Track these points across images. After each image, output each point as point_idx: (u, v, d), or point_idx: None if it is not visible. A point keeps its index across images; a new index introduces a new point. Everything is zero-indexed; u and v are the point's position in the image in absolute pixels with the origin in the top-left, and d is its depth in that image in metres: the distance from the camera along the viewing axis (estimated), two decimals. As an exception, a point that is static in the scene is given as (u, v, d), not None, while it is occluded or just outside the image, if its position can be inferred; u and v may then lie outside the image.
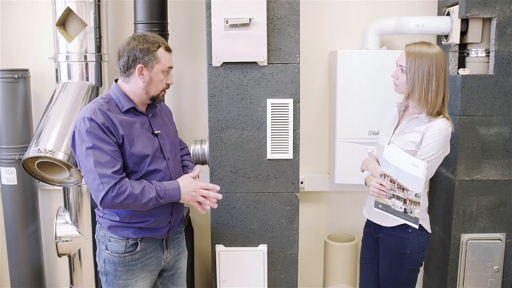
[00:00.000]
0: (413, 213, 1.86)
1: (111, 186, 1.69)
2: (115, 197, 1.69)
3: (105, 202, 1.70)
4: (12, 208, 2.72)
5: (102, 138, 1.72)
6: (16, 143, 2.66)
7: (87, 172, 1.72)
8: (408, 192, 1.83)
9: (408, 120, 2.00)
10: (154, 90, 1.83)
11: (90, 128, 1.71)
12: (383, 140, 2.07)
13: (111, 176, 1.70)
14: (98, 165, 1.70)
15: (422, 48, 1.93)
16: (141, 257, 1.87)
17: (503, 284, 2.61)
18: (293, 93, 2.38)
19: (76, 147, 1.76)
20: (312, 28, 2.82)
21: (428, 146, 1.92)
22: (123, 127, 1.77)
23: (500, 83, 2.46)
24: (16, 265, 2.78)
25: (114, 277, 1.86)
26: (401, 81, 1.97)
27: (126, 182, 1.73)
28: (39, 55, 2.81)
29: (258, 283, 2.49)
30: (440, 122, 1.93)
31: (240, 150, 2.42)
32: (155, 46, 1.79)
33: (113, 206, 1.74)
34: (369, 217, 2.15)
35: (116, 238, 1.85)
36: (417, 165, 1.78)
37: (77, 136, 1.75)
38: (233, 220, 2.48)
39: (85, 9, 2.47)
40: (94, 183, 1.70)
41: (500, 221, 2.56)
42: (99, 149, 1.71)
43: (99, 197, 1.70)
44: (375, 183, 1.91)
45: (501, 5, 2.42)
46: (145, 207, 1.76)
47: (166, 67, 1.83)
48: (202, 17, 2.62)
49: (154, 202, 1.76)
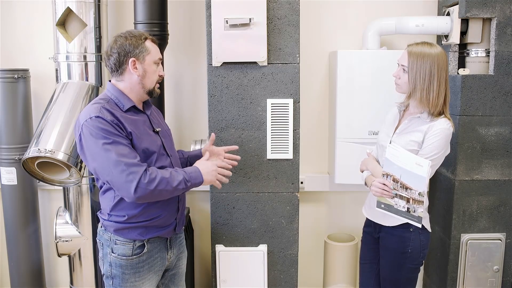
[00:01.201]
0: (416, 212, 1.85)
1: (142, 173, 1.66)
2: (148, 183, 1.67)
3: (139, 191, 1.66)
4: (12, 208, 2.72)
5: (116, 133, 1.70)
6: (16, 143, 2.66)
7: (111, 167, 1.66)
8: (411, 191, 1.82)
9: (409, 119, 2.00)
10: (150, 82, 1.82)
11: (101, 125, 1.69)
12: (384, 139, 2.07)
13: (138, 164, 1.68)
14: (122, 157, 1.67)
15: (424, 48, 1.93)
16: (147, 259, 1.87)
17: (503, 284, 2.61)
18: (293, 93, 2.38)
19: (89, 147, 1.70)
20: (312, 28, 2.82)
21: (430, 145, 1.92)
22: (128, 125, 1.76)
23: (500, 83, 2.46)
24: (16, 265, 2.78)
25: (121, 280, 1.85)
26: (403, 80, 1.97)
27: (154, 168, 1.72)
28: (39, 55, 2.81)
29: (258, 283, 2.49)
30: (442, 122, 1.94)
31: (240, 150, 2.42)
32: (142, 38, 1.80)
33: (147, 195, 1.69)
34: (369, 216, 2.15)
35: (122, 241, 1.84)
36: (421, 164, 1.78)
37: (87, 136, 1.70)
38: (233, 220, 2.48)
39: (85, 9, 2.47)
40: (122, 176, 1.66)
41: (500, 221, 2.56)
42: (117, 143, 1.69)
43: (131, 187, 1.65)
44: (378, 183, 1.90)
45: (501, 5, 2.42)
46: (175, 192, 1.76)
47: (157, 58, 1.83)
48: (202, 17, 2.62)
49: (183, 185, 1.75)
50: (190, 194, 2.18)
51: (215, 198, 2.48)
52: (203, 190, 2.84)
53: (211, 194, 2.48)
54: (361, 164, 2.17)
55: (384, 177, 1.89)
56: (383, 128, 2.15)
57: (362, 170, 2.16)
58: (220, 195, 2.47)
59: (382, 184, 1.89)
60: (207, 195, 2.66)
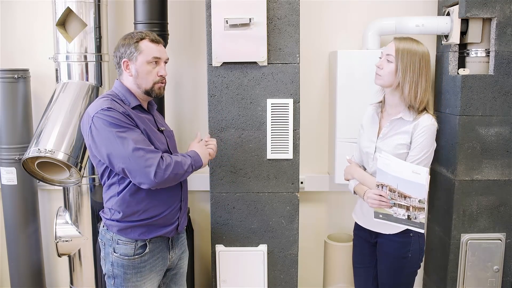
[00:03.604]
0: (418, 218, 1.80)
1: (159, 159, 1.71)
2: (166, 168, 1.72)
3: (158, 175, 1.70)
4: (12, 208, 2.72)
5: (128, 123, 1.74)
6: (16, 143, 2.66)
7: (129, 153, 1.68)
8: (411, 199, 1.78)
9: (390, 122, 1.97)
10: (145, 82, 1.83)
11: (113, 115, 1.71)
12: (367, 146, 2.03)
13: (155, 151, 1.73)
14: (140, 143, 1.70)
15: (412, 43, 1.94)
16: (149, 258, 1.87)
17: (503, 284, 2.61)
18: (293, 93, 2.38)
19: (102, 136, 1.71)
20: (312, 28, 2.82)
21: (419, 145, 1.89)
22: (138, 121, 1.79)
23: (500, 83, 2.46)
24: (16, 265, 2.78)
25: (123, 280, 1.85)
26: (386, 71, 1.92)
27: (165, 154, 1.77)
28: (39, 55, 2.81)
29: (258, 283, 2.49)
30: (426, 119, 1.91)
31: (240, 150, 2.42)
32: (137, 38, 1.81)
33: (165, 180, 1.73)
34: (364, 224, 2.10)
35: (124, 241, 1.84)
36: (418, 172, 1.73)
37: (99, 127, 1.70)
38: (233, 220, 2.48)
39: (85, 9, 2.47)
40: (141, 162, 1.68)
41: (500, 221, 2.56)
42: (132, 130, 1.73)
43: (151, 172, 1.69)
44: (373, 195, 1.86)
45: (501, 5, 2.42)
46: (185, 175, 1.82)
47: (151, 57, 1.82)
48: (202, 17, 2.62)
49: (191, 169, 1.83)
50: (190, 194, 2.17)
51: (215, 198, 2.48)
52: (203, 190, 2.85)
53: (211, 194, 2.48)
54: (345, 173, 2.11)
55: (379, 187, 1.85)
56: (362, 133, 2.10)
57: (348, 179, 2.11)
58: (220, 195, 2.47)
59: (378, 196, 1.85)
60: (207, 195, 2.66)
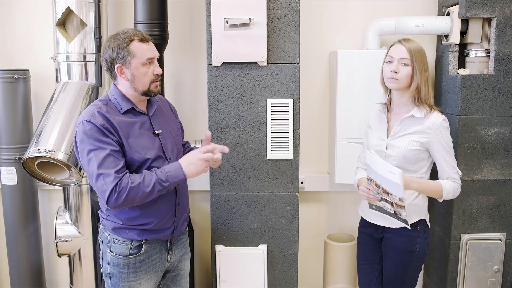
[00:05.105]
0: (401, 215, 1.88)
1: (114, 186, 1.67)
2: (119, 194, 1.67)
3: (111, 202, 1.69)
4: (12, 208, 2.72)
5: (102, 139, 1.71)
6: (16, 143, 2.66)
7: (92, 175, 1.71)
8: (392, 196, 1.84)
9: (401, 120, 2.01)
10: (142, 85, 1.79)
11: (89, 130, 1.71)
12: (378, 144, 2.06)
13: (113, 176, 1.68)
14: (101, 167, 1.69)
15: (415, 42, 1.99)
16: (145, 259, 1.87)
17: (503, 284, 2.61)
18: (293, 93, 2.38)
19: (79, 151, 1.75)
20: (312, 28, 2.82)
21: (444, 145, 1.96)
22: (122, 130, 1.76)
23: (500, 83, 2.46)
24: (16, 265, 2.78)
25: (118, 279, 1.86)
26: (404, 74, 1.96)
27: (126, 177, 1.70)
28: (39, 55, 2.81)
29: (258, 283, 2.49)
30: (436, 117, 1.97)
31: (240, 150, 2.42)
32: (126, 41, 1.74)
33: (120, 205, 1.71)
34: (370, 219, 2.13)
35: (120, 240, 1.84)
36: (393, 172, 1.78)
37: (78, 140, 1.74)
38: (233, 220, 2.48)
39: (85, 9, 2.47)
40: (99, 185, 1.70)
41: (500, 221, 2.56)
42: (100, 150, 1.70)
43: (105, 198, 1.69)
44: (363, 187, 1.97)
45: (501, 5, 2.42)
46: (151, 195, 1.72)
47: (145, 59, 1.76)
48: (202, 17, 2.62)
49: (158, 187, 1.72)
50: (190, 194, 2.17)
51: (215, 198, 2.48)
52: (203, 190, 2.85)
53: (211, 194, 2.48)
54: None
55: (368, 181, 1.94)
56: (370, 132, 2.13)
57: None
58: (220, 195, 2.47)
59: (367, 188, 1.95)
60: (207, 195, 2.66)
